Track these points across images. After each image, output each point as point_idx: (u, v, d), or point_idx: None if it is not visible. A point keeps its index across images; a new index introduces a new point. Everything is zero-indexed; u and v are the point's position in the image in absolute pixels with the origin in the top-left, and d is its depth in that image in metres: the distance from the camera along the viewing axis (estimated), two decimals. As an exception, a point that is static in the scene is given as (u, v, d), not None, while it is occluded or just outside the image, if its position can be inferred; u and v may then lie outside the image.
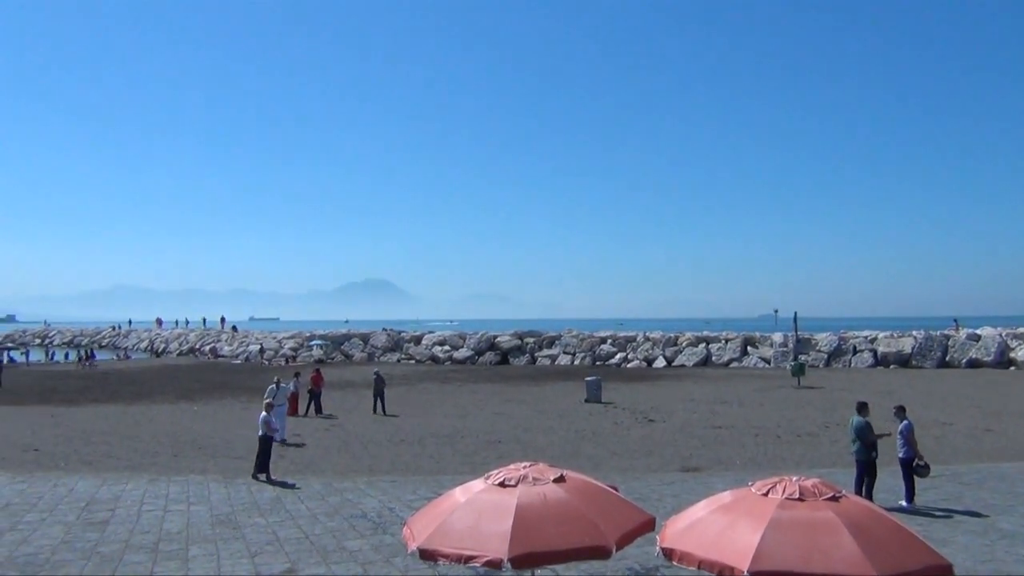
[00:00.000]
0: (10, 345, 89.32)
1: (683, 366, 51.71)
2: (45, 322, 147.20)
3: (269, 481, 15.88)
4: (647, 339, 56.41)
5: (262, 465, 16.36)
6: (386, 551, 10.92)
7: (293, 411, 27.67)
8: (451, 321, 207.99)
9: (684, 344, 54.81)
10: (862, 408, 13.76)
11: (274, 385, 23.01)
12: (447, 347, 61.33)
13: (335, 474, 16.70)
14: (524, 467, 6.22)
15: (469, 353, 59.40)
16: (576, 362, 55.35)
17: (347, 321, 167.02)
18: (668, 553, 5.44)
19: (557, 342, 58.88)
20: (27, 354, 76.70)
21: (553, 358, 56.98)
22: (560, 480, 6.03)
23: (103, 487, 15.35)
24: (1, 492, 14.86)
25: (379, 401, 28.66)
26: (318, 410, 27.88)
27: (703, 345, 54.09)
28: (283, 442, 20.31)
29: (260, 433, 16.74)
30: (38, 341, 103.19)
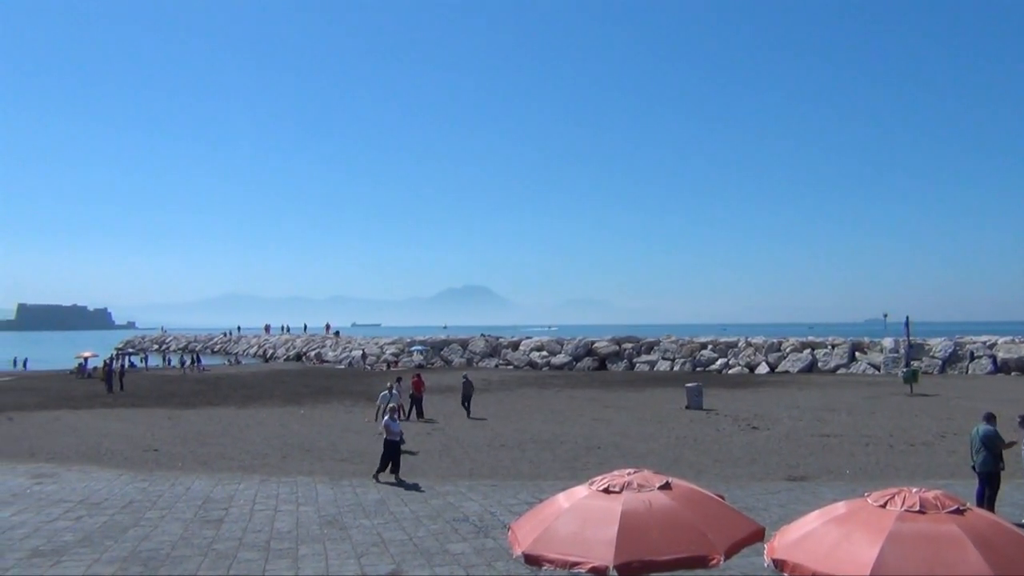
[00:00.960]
0: (131, 351, 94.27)
1: (787, 372, 50.30)
2: (162, 329, 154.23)
3: (399, 482, 16.24)
4: (749, 344, 55.07)
5: (385, 466, 16.80)
6: (488, 555, 11.00)
7: (395, 415, 28.21)
8: (549, 327, 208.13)
9: (788, 350, 53.26)
10: (990, 417, 13.05)
11: (387, 391, 23.52)
12: (545, 353, 61.40)
13: (437, 477, 16.92)
14: (628, 473, 6.14)
15: (567, 359, 59.30)
16: (675, 368, 54.57)
17: (445, 327, 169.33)
18: (779, 565, 5.26)
19: (656, 347, 58.18)
20: (146, 359, 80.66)
21: (652, 364, 56.32)
22: (665, 487, 5.93)
23: (217, 487, 16.00)
24: (124, 490, 15.67)
25: (467, 404, 29.53)
26: (419, 414, 28.33)
27: (808, 351, 52.44)
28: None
29: (385, 437, 17.12)
30: (156, 347, 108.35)
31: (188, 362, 66.13)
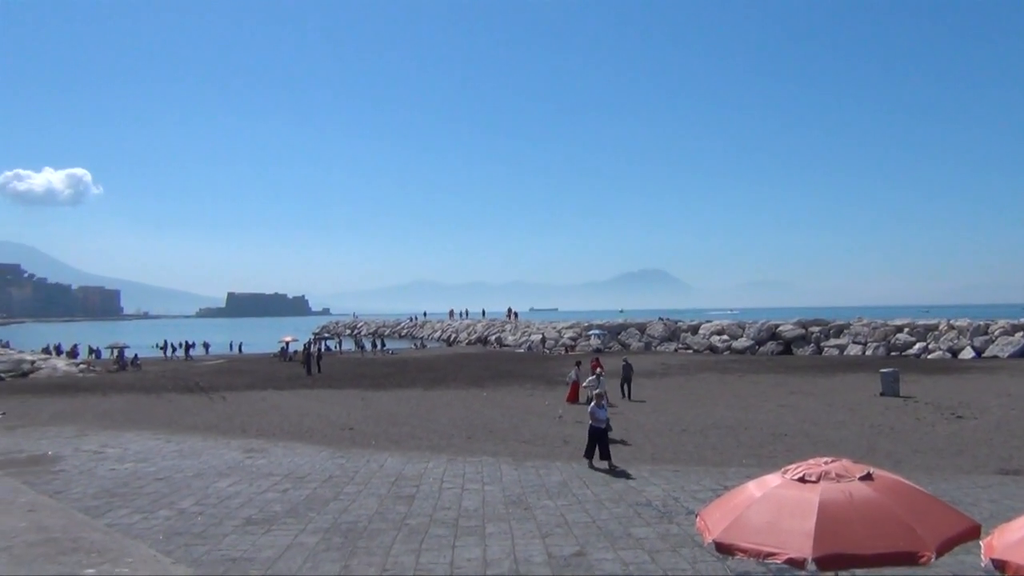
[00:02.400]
0: (326, 335, 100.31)
1: (996, 357, 46.16)
2: (354, 314, 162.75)
3: (611, 469, 16.07)
4: (951, 327, 50.91)
5: (592, 451, 16.64)
6: (672, 540, 10.85)
7: (574, 399, 28.41)
8: (731, 310, 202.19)
9: (997, 333, 48.77)
10: None
11: (594, 377, 23.55)
12: (726, 336, 59.78)
13: (618, 461, 16.86)
14: (825, 462, 5.85)
15: (749, 343, 57.44)
16: (867, 352, 51.51)
17: (622, 311, 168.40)
18: (1000, 565, 4.84)
19: (846, 331, 55.18)
20: (339, 343, 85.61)
21: (841, 348, 53.50)
22: (867, 478, 5.60)
23: (408, 464, 16.73)
24: (325, 465, 16.70)
25: (626, 387, 29.92)
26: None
27: (1021, 334, 47.83)
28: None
29: (590, 424, 16.99)
30: (348, 332, 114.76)
31: (370, 346, 69.62)
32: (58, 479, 15.18)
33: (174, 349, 69.74)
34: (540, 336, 70.14)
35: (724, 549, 5.52)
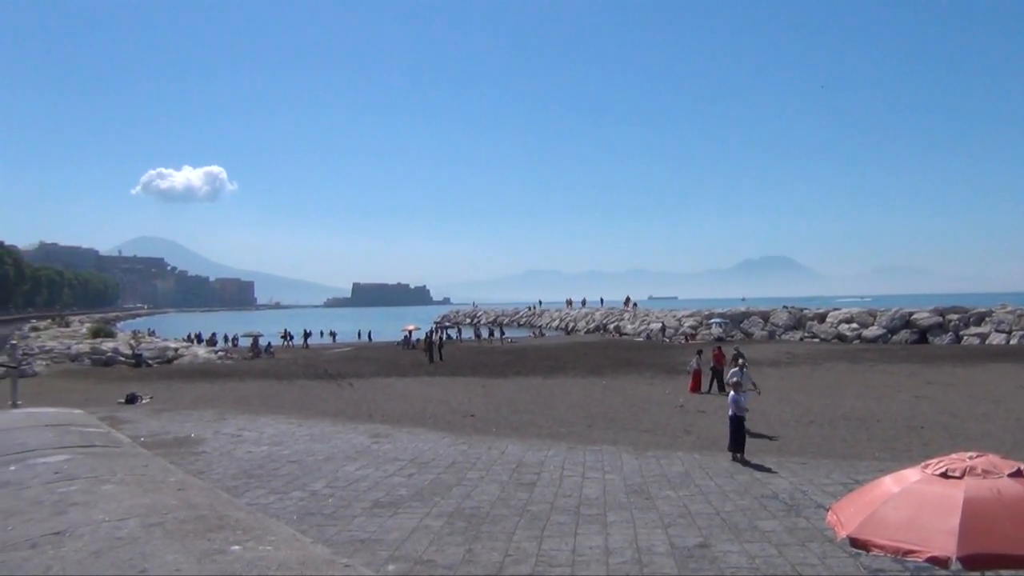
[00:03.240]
0: (447, 324, 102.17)
1: None
2: (473, 303, 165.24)
3: (743, 462, 15.57)
4: (1111, 314, 47.24)
5: (737, 443, 16.11)
6: (801, 535, 10.52)
7: (695, 388, 27.95)
8: (862, 297, 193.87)
9: None
10: None
11: (737, 368, 22.91)
12: (855, 325, 57.38)
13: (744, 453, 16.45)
14: (969, 457, 5.52)
15: (880, 331, 54.96)
16: (1012, 341, 48.35)
17: (743, 299, 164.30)
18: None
19: (987, 319, 51.97)
20: (459, 332, 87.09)
21: (983, 337, 50.42)
22: (1017, 475, 5.24)
23: (529, 452, 16.86)
24: (448, 451, 17.04)
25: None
26: (720, 387, 27.81)
27: None
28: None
29: (730, 413, 16.48)
30: (468, 320, 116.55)
31: (489, 334, 70.47)
32: (200, 460, 16.11)
33: (291, 337, 72.55)
34: (660, 324, 69.24)
35: (859, 545, 5.29)
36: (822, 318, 60.71)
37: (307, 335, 72.75)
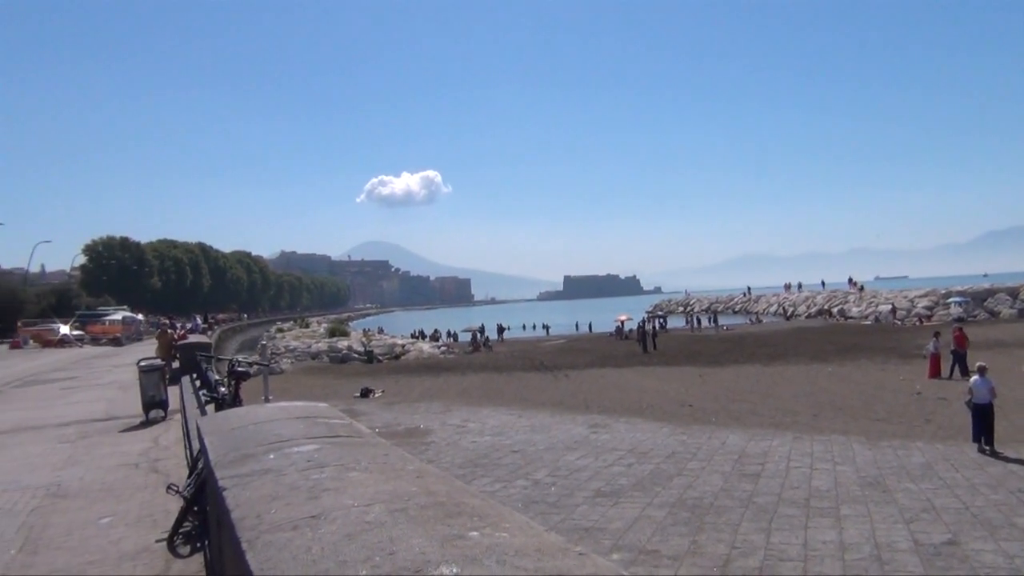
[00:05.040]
0: (660, 313, 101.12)
1: None
2: (686, 291, 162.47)
3: (993, 453, 14.28)
4: None
5: (981, 432, 14.76)
6: (1070, 535, 9.45)
7: (934, 373, 25.93)
8: None
9: None
10: None
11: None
12: None
13: (997, 443, 15.02)
14: None
15: None
16: None
17: (986, 275, 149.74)
18: None
19: None
20: (665, 321, 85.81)
21: None
22: None
23: (751, 442, 16.33)
24: (666, 441, 16.86)
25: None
26: (963, 371, 25.54)
27: None
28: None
29: (973, 399, 15.11)
30: (681, 309, 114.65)
31: (704, 322, 68.85)
32: (430, 449, 16.98)
33: (484, 331, 74.10)
34: (889, 306, 64.62)
35: None
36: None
37: (502, 329, 74.32)
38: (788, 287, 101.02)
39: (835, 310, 72.78)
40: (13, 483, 10.38)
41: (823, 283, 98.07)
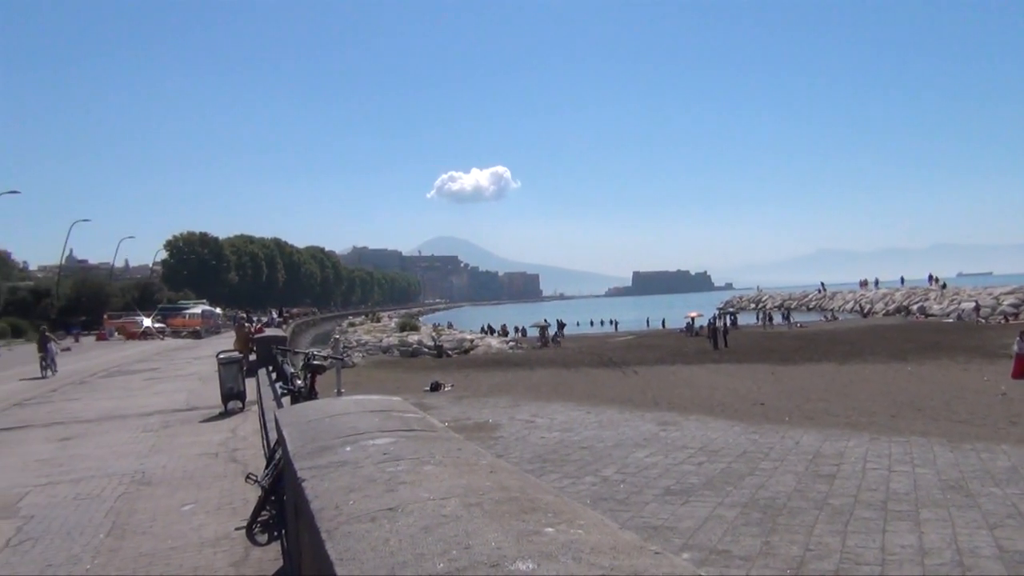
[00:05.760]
0: (731, 310, 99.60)
1: None
2: (758, 287, 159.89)
3: None
4: None
5: None
6: None
7: (1020, 373, 24.99)
8: None
9: None
10: None
11: None
12: None
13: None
14: None
15: None
16: None
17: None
18: None
19: None
20: (735, 318, 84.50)
21: None
22: None
23: (826, 442, 15.96)
24: (738, 440, 16.60)
25: None
26: (1054, 373, 24.57)
27: None
28: None
29: None
30: (753, 305, 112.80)
31: (778, 319, 67.57)
32: (499, 444, 17.06)
33: (547, 327, 73.83)
34: (973, 304, 62.38)
35: None
36: None
37: (562, 325, 73.90)
38: (864, 284, 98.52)
39: (915, 307, 70.64)
40: (101, 469, 10.83)
41: (902, 280, 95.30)
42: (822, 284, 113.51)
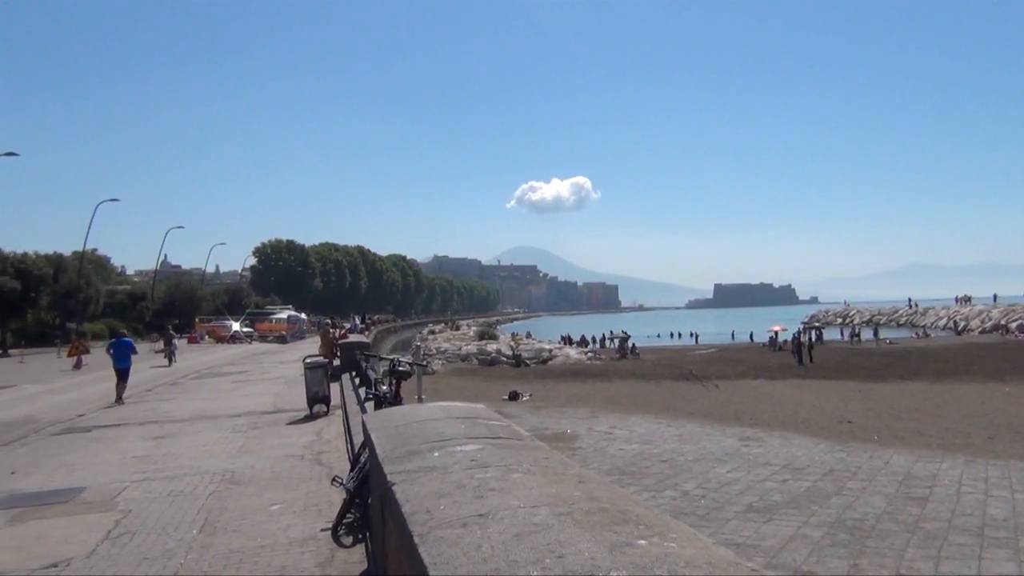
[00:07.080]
0: (816, 324, 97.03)
1: None
2: (845, 302, 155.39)
3: None
4: None
5: None
6: None
7: None
8: None
9: None
10: None
11: None
12: None
13: None
14: None
15: None
16: None
17: None
18: None
19: None
20: (821, 332, 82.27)
21: None
22: None
23: (917, 463, 15.38)
24: (823, 458, 16.14)
25: None
26: None
27: None
28: None
29: None
30: (839, 320, 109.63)
31: (867, 335, 65.51)
32: (577, 455, 16.98)
33: (607, 338, 72.92)
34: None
35: None
36: None
37: (626, 337, 72.97)
38: (964, 300, 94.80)
39: (1013, 325, 67.55)
40: (194, 468, 11.22)
41: (995, 297, 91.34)
42: (910, 300, 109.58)
